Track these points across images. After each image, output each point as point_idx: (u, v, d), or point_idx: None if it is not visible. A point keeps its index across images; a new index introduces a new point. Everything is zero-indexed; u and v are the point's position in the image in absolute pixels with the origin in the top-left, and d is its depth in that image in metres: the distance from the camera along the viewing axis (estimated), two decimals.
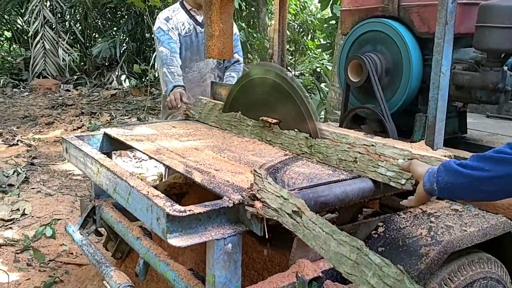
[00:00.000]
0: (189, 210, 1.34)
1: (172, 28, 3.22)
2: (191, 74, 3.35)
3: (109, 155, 2.26)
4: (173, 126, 2.47)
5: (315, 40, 11.46)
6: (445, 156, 1.57)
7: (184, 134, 2.31)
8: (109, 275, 1.89)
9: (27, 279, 2.83)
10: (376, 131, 2.36)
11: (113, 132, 2.31)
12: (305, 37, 11.58)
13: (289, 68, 10.29)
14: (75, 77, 10.85)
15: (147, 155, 1.95)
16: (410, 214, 1.75)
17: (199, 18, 3.29)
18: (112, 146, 2.34)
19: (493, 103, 2.19)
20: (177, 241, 1.34)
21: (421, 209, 1.79)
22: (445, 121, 2.04)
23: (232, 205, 1.41)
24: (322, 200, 1.55)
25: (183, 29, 3.26)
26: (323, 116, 5.37)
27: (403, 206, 1.96)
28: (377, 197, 1.86)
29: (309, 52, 11.50)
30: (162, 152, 1.96)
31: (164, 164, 1.83)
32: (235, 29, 3.36)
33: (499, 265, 1.76)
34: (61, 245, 3.27)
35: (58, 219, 3.60)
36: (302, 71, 10.81)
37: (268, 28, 10.08)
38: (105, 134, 2.32)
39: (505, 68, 2.12)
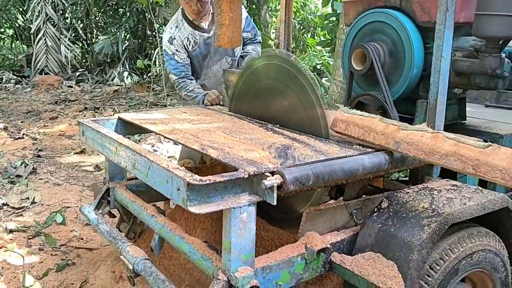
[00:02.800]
0: (208, 180, 1.43)
1: (177, 50, 3.18)
2: (207, 81, 3.36)
3: None
4: (184, 112, 2.56)
5: (315, 37, 11.56)
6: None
7: (195, 118, 2.40)
8: (126, 250, 1.98)
9: (40, 262, 2.92)
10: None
11: (128, 116, 2.40)
12: (305, 35, 11.68)
13: None
14: (77, 73, 10.93)
15: (162, 135, 2.04)
16: (413, 190, 1.84)
17: (204, 25, 3.23)
18: (126, 130, 2.43)
19: (492, 88, 2.28)
20: (196, 208, 1.43)
21: (424, 185, 1.89)
22: (445, 107, 2.12)
23: (247, 176, 1.50)
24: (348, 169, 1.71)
25: (189, 44, 3.22)
26: None
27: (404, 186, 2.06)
28: (382, 175, 1.96)
29: (309, 49, 11.59)
30: (177, 132, 2.05)
31: (179, 143, 1.92)
32: (245, 13, 3.32)
33: (497, 239, 1.86)
34: (71, 231, 3.35)
35: (68, 207, 3.69)
36: None
37: (269, 26, 10.17)
38: (119, 119, 2.42)
39: (503, 55, 2.21)
